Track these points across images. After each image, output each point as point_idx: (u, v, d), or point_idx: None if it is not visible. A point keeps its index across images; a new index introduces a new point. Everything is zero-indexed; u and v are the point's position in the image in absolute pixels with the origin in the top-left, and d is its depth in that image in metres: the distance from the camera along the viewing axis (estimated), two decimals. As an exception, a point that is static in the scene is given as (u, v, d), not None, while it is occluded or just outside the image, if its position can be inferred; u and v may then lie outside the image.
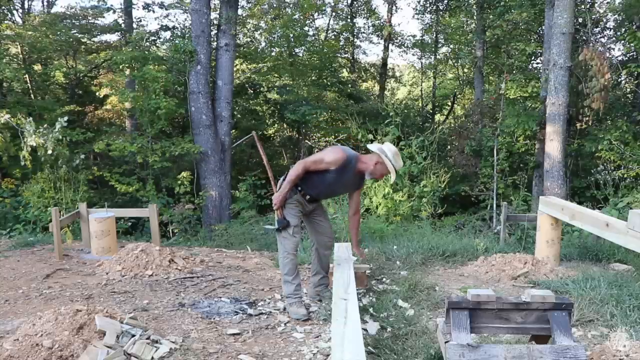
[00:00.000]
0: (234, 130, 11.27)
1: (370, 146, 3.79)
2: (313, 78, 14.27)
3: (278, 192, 3.75)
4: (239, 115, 13.75)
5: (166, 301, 4.13)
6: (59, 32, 11.45)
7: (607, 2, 11.71)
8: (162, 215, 8.80)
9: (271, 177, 4.00)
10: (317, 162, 3.66)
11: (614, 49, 12.05)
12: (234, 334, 3.45)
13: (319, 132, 14.57)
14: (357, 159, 3.69)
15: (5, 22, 11.62)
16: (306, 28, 14.72)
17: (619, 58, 11.58)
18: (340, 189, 3.96)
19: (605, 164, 8.70)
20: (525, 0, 10.91)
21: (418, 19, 17.74)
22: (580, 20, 10.33)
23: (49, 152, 7.95)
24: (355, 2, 17.35)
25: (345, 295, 3.04)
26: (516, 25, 12.09)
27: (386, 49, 16.81)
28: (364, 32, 17.77)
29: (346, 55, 17.50)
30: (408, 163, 8.39)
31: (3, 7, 11.38)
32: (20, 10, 12.89)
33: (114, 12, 12.71)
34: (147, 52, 10.62)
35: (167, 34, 12.54)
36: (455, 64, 17.46)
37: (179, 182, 9.43)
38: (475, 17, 13.85)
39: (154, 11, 17.99)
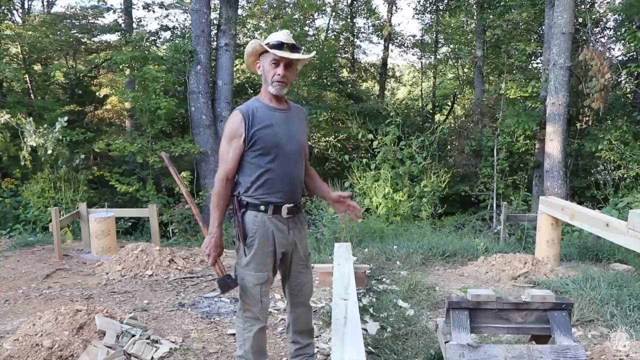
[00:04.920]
0: (233, 130, 11.25)
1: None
2: (313, 78, 14.24)
3: (207, 235, 2.45)
4: (239, 115, 13.73)
5: (166, 301, 4.12)
6: (59, 32, 11.44)
7: (607, 2, 11.70)
8: (162, 215, 8.79)
9: (187, 197, 2.77)
10: (223, 153, 2.43)
11: (614, 49, 12.03)
12: (234, 334, 3.44)
13: (319, 132, 14.54)
14: (256, 98, 2.51)
15: (5, 22, 11.61)
16: (306, 28, 14.71)
17: (619, 58, 11.57)
18: (292, 151, 2.46)
19: (605, 164, 8.70)
20: (525, 0, 10.91)
21: (418, 19, 17.78)
22: (580, 20, 10.32)
23: (49, 152, 7.95)
24: (355, 2, 17.34)
25: (345, 295, 3.04)
26: (516, 25, 12.09)
27: (386, 49, 16.81)
28: (364, 32, 17.79)
29: (346, 55, 17.49)
30: (408, 163, 8.40)
31: (3, 7, 11.37)
32: (20, 10, 12.89)
33: (114, 12, 12.71)
34: (147, 52, 10.61)
35: (167, 34, 12.54)
36: (455, 64, 17.46)
37: (179, 182, 9.42)
38: (475, 17, 13.84)
39: (154, 11, 17.99)
